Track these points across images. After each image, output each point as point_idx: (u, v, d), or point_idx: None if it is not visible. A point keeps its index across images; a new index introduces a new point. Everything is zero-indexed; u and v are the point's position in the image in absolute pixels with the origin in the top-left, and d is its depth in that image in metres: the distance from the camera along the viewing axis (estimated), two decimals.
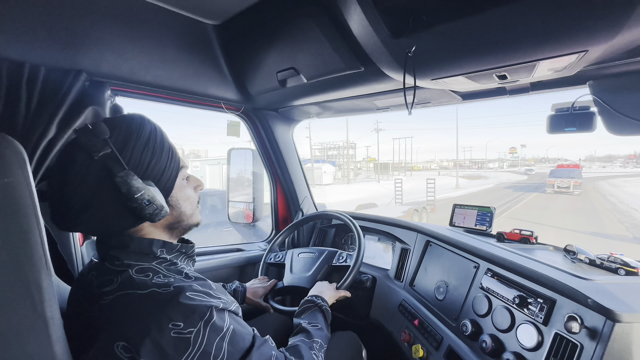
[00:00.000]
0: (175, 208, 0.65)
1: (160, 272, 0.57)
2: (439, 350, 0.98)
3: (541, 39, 0.64)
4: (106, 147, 0.55)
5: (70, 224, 0.57)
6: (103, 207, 0.56)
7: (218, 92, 1.28)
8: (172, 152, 0.64)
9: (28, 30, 0.77)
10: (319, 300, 0.93)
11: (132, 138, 0.58)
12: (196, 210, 0.71)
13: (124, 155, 0.56)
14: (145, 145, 0.59)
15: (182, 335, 0.50)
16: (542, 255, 1.00)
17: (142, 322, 0.50)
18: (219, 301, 0.56)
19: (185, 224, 0.68)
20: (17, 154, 0.47)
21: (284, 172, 1.72)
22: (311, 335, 0.79)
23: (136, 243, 0.60)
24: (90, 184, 0.54)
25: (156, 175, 0.60)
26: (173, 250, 0.64)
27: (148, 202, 0.56)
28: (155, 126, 0.63)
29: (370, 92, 1.18)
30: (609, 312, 0.64)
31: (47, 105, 0.82)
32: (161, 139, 0.62)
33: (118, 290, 0.54)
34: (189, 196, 0.68)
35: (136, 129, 0.59)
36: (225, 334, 0.54)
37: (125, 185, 0.54)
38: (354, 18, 0.76)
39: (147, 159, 0.58)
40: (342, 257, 1.22)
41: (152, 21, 0.89)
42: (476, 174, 40.96)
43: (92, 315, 0.54)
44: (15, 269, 0.45)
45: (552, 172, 20.07)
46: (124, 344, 0.49)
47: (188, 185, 0.70)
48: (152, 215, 0.57)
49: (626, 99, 0.82)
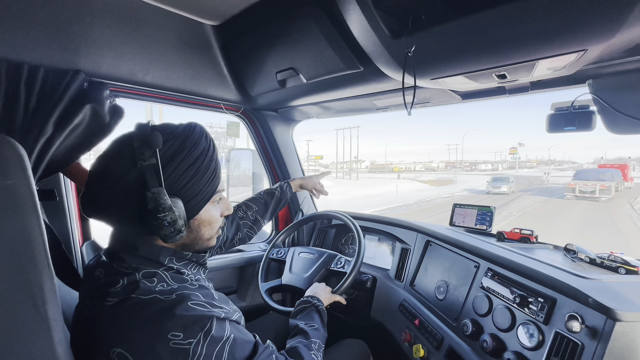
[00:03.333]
0: (194, 231, 0.63)
1: (165, 281, 0.57)
2: (440, 350, 0.98)
3: (540, 38, 0.64)
4: (152, 158, 0.54)
5: (93, 212, 0.57)
6: (126, 212, 0.55)
7: (217, 92, 1.28)
8: (216, 175, 0.62)
9: (27, 30, 0.77)
10: (315, 301, 0.93)
11: (182, 155, 0.57)
12: (215, 235, 0.68)
13: (166, 171, 0.55)
14: (191, 164, 0.58)
15: (180, 346, 0.49)
16: (543, 255, 1.00)
17: (142, 332, 0.49)
18: (220, 311, 0.56)
19: (198, 247, 0.66)
20: (17, 155, 0.47)
21: (283, 173, 1.72)
22: (309, 335, 0.79)
23: (146, 248, 0.59)
24: (122, 188, 0.54)
25: (189, 196, 0.58)
26: (182, 259, 0.62)
27: (168, 223, 0.55)
28: (210, 144, 0.62)
29: (370, 92, 1.18)
30: (610, 311, 0.64)
31: (46, 106, 0.82)
32: (209, 160, 0.61)
33: (122, 294, 0.53)
34: (212, 220, 0.66)
35: (190, 145, 0.58)
36: (225, 344, 0.53)
37: (153, 202, 0.53)
38: (353, 18, 0.76)
39: (186, 179, 0.57)
40: (340, 262, 1.21)
41: (151, 22, 0.89)
42: (448, 178, 34.34)
43: (95, 314, 0.54)
44: (17, 271, 0.45)
45: (578, 174, 16.76)
46: (121, 351, 0.49)
47: (216, 208, 0.67)
48: (166, 236, 0.56)
49: (625, 98, 0.82)
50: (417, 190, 21.47)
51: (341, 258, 1.22)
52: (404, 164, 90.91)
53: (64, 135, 0.84)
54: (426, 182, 28.04)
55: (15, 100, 0.79)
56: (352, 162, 42.89)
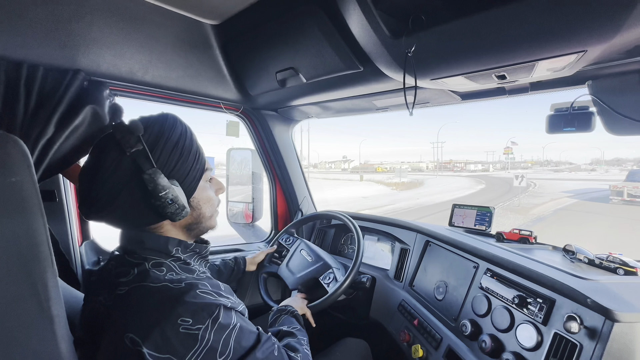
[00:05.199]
0: (196, 209, 0.67)
1: (174, 270, 0.59)
2: (439, 350, 0.98)
3: (540, 39, 0.64)
4: (139, 144, 0.57)
5: (95, 214, 0.59)
6: (128, 201, 0.58)
7: (217, 92, 1.28)
8: (199, 154, 0.66)
9: (26, 29, 0.76)
10: (290, 307, 0.95)
11: (164, 137, 0.60)
12: (215, 213, 0.73)
13: (154, 154, 0.58)
14: (174, 145, 0.61)
15: (190, 332, 0.51)
16: (542, 255, 1.00)
17: (153, 317, 0.51)
18: (227, 300, 0.58)
19: (202, 226, 0.70)
20: (22, 153, 0.47)
21: (283, 172, 1.72)
22: (296, 335, 0.81)
23: (154, 240, 0.62)
24: (119, 178, 0.57)
25: (181, 176, 0.62)
26: (187, 250, 0.66)
27: (171, 201, 0.58)
28: (186, 127, 0.65)
29: (370, 92, 1.18)
30: (608, 312, 0.64)
31: (46, 105, 0.82)
32: (190, 141, 0.64)
33: (133, 282, 0.56)
34: (210, 198, 0.70)
35: (168, 128, 0.61)
36: (232, 331, 0.55)
37: (152, 183, 0.56)
38: (353, 18, 0.76)
39: (174, 159, 0.61)
40: (329, 277, 1.17)
41: (151, 21, 0.89)
42: (421, 180, 29.68)
43: (108, 304, 0.56)
44: (22, 267, 0.45)
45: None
46: (133, 336, 0.50)
47: (210, 188, 0.71)
48: (173, 214, 0.59)
49: (625, 99, 0.82)
50: (364, 197, 16.80)
51: (332, 274, 1.18)
52: (389, 164, 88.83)
53: (65, 136, 0.84)
54: (391, 185, 24.49)
55: (15, 100, 0.79)
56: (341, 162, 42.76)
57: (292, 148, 1.74)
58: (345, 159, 46.57)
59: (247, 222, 1.73)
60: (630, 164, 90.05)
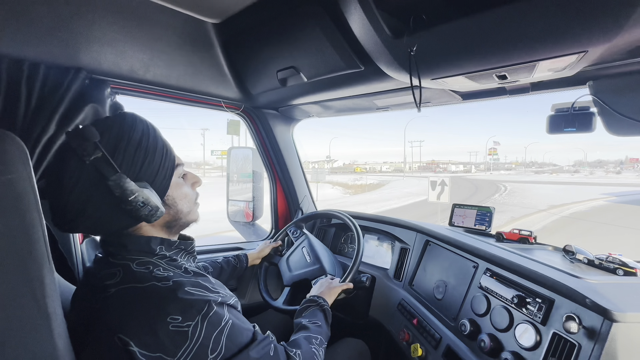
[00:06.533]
0: (172, 207, 0.65)
1: (160, 266, 0.59)
2: (438, 349, 0.99)
3: (541, 39, 0.64)
4: (97, 151, 0.54)
5: (68, 225, 0.57)
6: (98, 210, 0.56)
7: (218, 90, 1.28)
8: (166, 150, 0.63)
9: (28, 27, 0.76)
10: (320, 300, 0.95)
11: (124, 140, 0.57)
12: (194, 207, 0.71)
13: (116, 158, 0.55)
14: (137, 146, 0.58)
15: (180, 329, 0.51)
16: (541, 255, 1.00)
17: (142, 317, 0.51)
18: (217, 295, 0.57)
19: (182, 222, 0.69)
20: (19, 150, 0.47)
21: (283, 171, 1.72)
22: (310, 330, 0.81)
23: (134, 242, 0.61)
24: (83, 188, 0.54)
25: (150, 176, 0.59)
26: (172, 247, 0.65)
27: (142, 204, 0.56)
28: (148, 125, 0.62)
29: (371, 92, 1.18)
30: (607, 312, 0.65)
31: (47, 103, 0.82)
32: (154, 138, 0.61)
33: (120, 284, 0.55)
34: (186, 194, 0.68)
35: (128, 129, 0.58)
36: (223, 328, 0.55)
37: (118, 189, 0.54)
38: (354, 17, 0.76)
39: (139, 160, 0.58)
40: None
41: (153, 19, 0.89)
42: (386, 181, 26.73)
43: (95, 307, 0.55)
44: (18, 264, 0.45)
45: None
46: (123, 336, 0.50)
47: (185, 183, 0.69)
48: (147, 216, 0.58)
49: (626, 100, 0.82)
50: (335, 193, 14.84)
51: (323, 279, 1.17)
52: (369, 165, 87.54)
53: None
54: (351, 188, 23.28)
55: (16, 98, 0.79)
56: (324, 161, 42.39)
57: (292, 147, 1.74)
58: (328, 158, 46.40)
59: (248, 221, 1.73)
60: (612, 166, 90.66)
